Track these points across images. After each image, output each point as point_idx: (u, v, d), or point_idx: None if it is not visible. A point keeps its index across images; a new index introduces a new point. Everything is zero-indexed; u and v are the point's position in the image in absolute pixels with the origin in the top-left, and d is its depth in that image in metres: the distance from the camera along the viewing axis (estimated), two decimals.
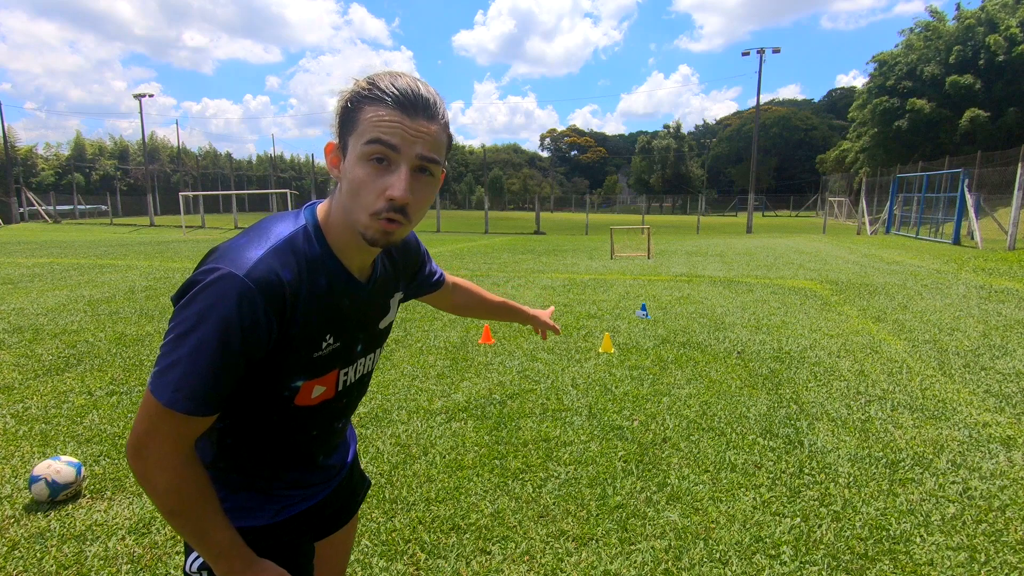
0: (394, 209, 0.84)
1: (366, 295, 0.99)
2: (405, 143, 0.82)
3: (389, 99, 0.82)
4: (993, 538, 2.36)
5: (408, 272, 1.16)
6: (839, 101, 68.81)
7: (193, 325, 0.80)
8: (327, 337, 0.94)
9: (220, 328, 0.80)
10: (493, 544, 2.32)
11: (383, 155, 0.82)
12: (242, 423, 0.96)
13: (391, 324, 1.14)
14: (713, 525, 2.45)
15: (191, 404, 0.82)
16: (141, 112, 33.86)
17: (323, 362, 0.95)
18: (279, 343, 0.87)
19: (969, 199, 15.49)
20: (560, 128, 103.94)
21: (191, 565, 0.99)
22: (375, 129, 0.81)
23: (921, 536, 2.37)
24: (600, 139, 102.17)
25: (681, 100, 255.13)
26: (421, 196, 0.86)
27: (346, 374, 1.03)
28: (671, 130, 74.00)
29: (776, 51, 29.31)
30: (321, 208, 0.94)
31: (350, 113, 0.84)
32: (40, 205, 34.62)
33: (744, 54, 29.32)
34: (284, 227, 0.89)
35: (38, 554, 2.22)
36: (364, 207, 0.84)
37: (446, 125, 0.88)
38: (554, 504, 2.61)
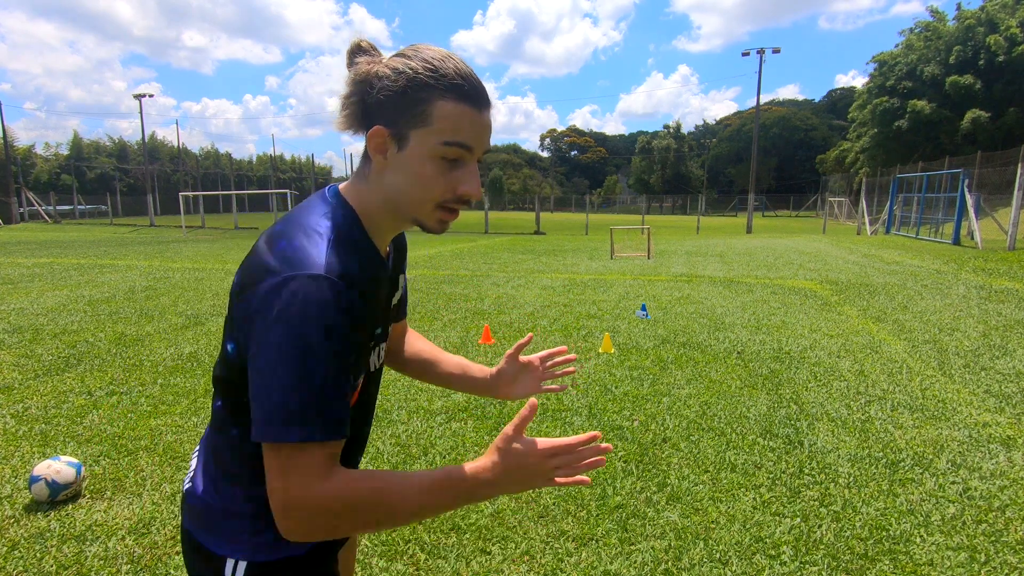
0: (462, 202, 0.83)
1: (390, 278, 0.97)
2: (478, 142, 0.81)
3: (462, 94, 0.78)
4: (993, 538, 2.36)
5: (401, 256, 1.09)
6: (839, 101, 68.78)
7: (292, 347, 0.70)
8: (378, 326, 0.91)
9: (325, 335, 0.71)
10: (493, 544, 2.32)
11: (460, 157, 0.80)
12: None
13: (391, 307, 1.04)
14: (713, 525, 2.45)
15: (331, 427, 0.72)
16: (141, 112, 33.89)
17: (373, 353, 0.92)
18: (363, 339, 0.83)
19: (969, 199, 15.48)
20: (560, 128, 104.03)
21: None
22: (457, 132, 0.79)
23: (921, 536, 2.37)
24: (600, 139, 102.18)
25: (680, 100, 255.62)
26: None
27: (375, 361, 0.98)
28: (671, 130, 74.01)
29: (776, 51, 29.31)
30: (349, 194, 0.87)
31: (414, 103, 0.78)
32: (40, 205, 34.62)
33: (744, 54, 29.33)
34: (325, 219, 0.82)
35: (38, 554, 2.22)
36: (432, 200, 0.82)
37: None
38: (554, 504, 2.61)
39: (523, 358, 1.18)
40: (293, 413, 0.70)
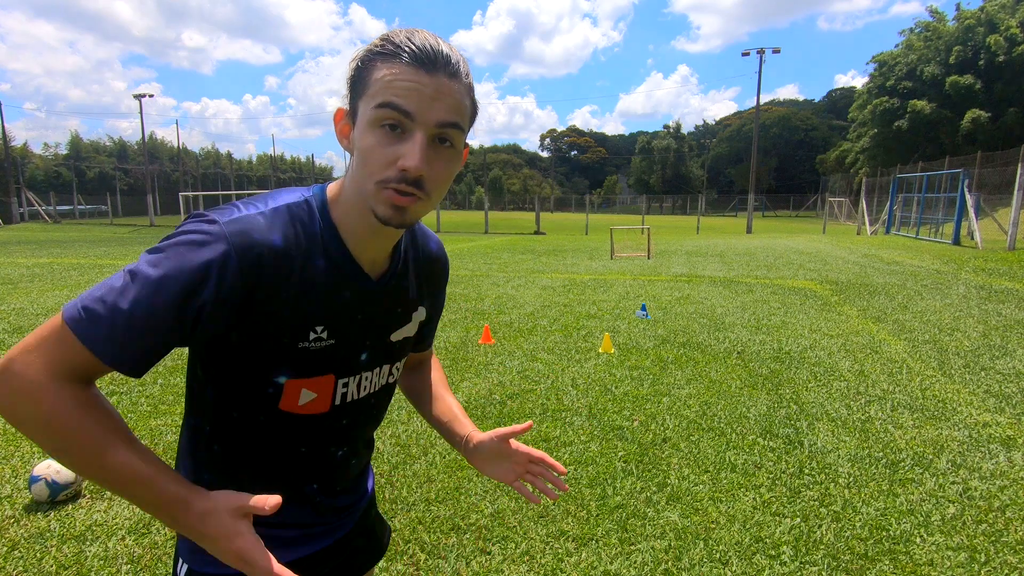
0: (407, 181, 0.71)
1: (374, 292, 0.86)
2: (421, 107, 0.70)
3: (405, 55, 0.70)
4: (993, 538, 2.36)
5: (432, 284, 1.00)
6: (839, 101, 68.78)
7: (136, 265, 0.70)
8: (317, 328, 0.81)
9: (172, 273, 0.68)
10: (493, 544, 2.32)
11: (396, 121, 0.70)
12: (229, 425, 0.84)
13: (409, 341, 0.98)
14: (713, 525, 2.45)
15: (91, 329, 0.67)
16: (141, 112, 33.89)
17: (312, 359, 0.82)
18: (258, 319, 0.75)
19: (969, 199, 15.48)
20: (560, 128, 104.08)
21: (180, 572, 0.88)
22: (387, 91, 0.70)
23: (921, 536, 2.37)
24: (600, 139, 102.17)
25: (680, 100, 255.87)
26: (440, 168, 0.74)
27: (346, 386, 0.88)
28: (671, 130, 74.03)
29: (776, 51, 29.31)
30: (332, 185, 0.83)
31: (361, 73, 0.73)
32: (40, 205, 34.61)
33: (744, 54, 29.33)
34: (288, 196, 0.80)
35: (38, 554, 2.22)
36: (372, 176, 0.72)
37: (470, 88, 0.76)
38: (554, 504, 2.61)
39: (514, 444, 1.03)
40: (88, 304, 0.68)
